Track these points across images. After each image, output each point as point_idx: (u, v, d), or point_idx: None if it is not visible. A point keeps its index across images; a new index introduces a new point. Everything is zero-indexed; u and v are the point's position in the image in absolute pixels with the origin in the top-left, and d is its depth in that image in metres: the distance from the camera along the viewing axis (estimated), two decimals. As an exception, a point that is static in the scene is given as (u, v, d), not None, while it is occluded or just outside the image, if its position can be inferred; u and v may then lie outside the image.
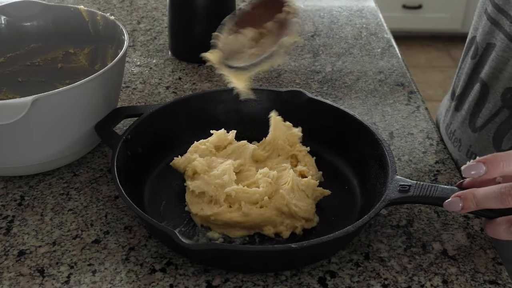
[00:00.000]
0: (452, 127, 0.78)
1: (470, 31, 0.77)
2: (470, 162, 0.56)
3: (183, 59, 0.98)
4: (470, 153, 0.74)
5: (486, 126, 0.71)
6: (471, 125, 0.74)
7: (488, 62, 0.71)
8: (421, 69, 2.74)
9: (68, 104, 0.67)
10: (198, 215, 0.64)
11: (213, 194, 0.64)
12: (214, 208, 0.63)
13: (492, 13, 0.70)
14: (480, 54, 0.73)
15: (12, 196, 0.69)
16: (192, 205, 0.65)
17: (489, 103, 0.70)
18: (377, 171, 0.66)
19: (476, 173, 0.55)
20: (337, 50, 1.02)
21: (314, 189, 0.66)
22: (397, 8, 2.85)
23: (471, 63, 0.75)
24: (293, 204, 0.63)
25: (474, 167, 0.55)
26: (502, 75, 0.68)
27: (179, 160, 0.69)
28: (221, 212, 0.63)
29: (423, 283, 0.58)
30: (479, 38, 0.73)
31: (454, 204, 0.56)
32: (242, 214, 0.62)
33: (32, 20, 0.84)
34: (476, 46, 0.74)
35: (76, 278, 0.59)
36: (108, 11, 1.14)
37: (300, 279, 0.59)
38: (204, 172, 0.66)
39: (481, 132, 0.72)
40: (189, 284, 0.58)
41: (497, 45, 0.69)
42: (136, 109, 0.74)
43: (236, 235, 0.63)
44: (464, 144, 0.75)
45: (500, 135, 0.70)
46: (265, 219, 0.62)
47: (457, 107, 0.77)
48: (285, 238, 0.63)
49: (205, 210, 0.63)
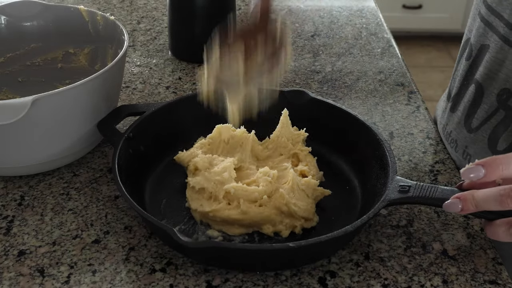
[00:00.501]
0: (448, 128, 0.78)
1: (465, 33, 0.77)
2: (469, 165, 0.56)
3: (183, 59, 0.98)
4: (466, 154, 0.74)
5: (482, 127, 0.71)
6: (466, 126, 0.74)
7: (482, 64, 0.71)
8: (421, 69, 2.74)
9: (68, 104, 0.67)
10: (197, 211, 0.64)
11: (212, 190, 0.64)
12: (213, 204, 0.63)
13: (486, 15, 0.70)
14: (474, 56, 0.73)
15: (12, 196, 0.69)
16: (192, 201, 0.65)
17: (485, 104, 0.70)
18: (377, 171, 0.66)
19: (475, 176, 0.55)
20: (337, 50, 1.02)
21: (314, 189, 0.66)
22: (397, 8, 2.85)
23: (466, 65, 0.75)
24: (293, 204, 0.63)
25: (473, 170, 0.55)
26: (497, 76, 0.68)
27: (183, 154, 0.69)
28: (219, 209, 0.63)
29: (423, 283, 0.58)
30: (473, 40, 0.73)
31: (454, 205, 0.56)
32: (240, 212, 0.62)
33: (32, 20, 0.83)
34: (470, 47, 0.74)
35: (76, 278, 0.59)
36: (108, 11, 1.14)
37: (300, 279, 0.59)
38: (205, 169, 0.67)
39: (476, 133, 0.72)
40: (189, 284, 0.58)
41: (491, 46, 0.69)
42: (139, 107, 0.74)
43: (235, 232, 0.63)
44: (460, 145, 0.75)
45: (495, 136, 0.70)
46: (264, 217, 0.62)
47: (452, 108, 0.78)
48: (284, 237, 0.63)
49: (204, 206, 0.64)
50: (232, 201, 0.63)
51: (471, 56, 0.73)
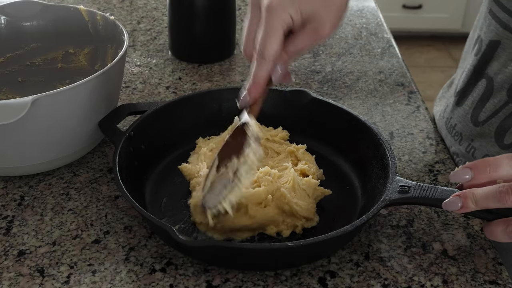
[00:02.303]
0: (453, 122, 0.78)
1: (473, 30, 0.78)
2: (458, 168, 0.57)
3: (183, 59, 0.98)
4: (471, 147, 0.74)
5: (489, 121, 0.72)
6: (473, 120, 0.74)
7: (493, 58, 0.71)
8: (421, 69, 2.74)
9: (68, 104, 0.67)
10: (203, 223, 0.63)
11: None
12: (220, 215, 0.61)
13: (497, 12, 0.71)
14: (485, 52, 0.73)
15: (12, 196, 0.69)
16: (197, 215, 0.63)
17: (494, 98, 0.71)
18: (378, 171, 0.66)
19: (462, 179, 0.56)
20: (337, 50, 1.02)
21: (315, 189, 0.66)
22: (397, 8, 2.86)
23: (475, 60, 0.75)
24: (294, 203, 0.63)
25: (461, 172, 0.56)
26: (508, 71, 0.69)
27: (187, 167, 0.69)
28: (227, 218, 0.61)
29: (423, 283, 0.58)
30: (484, 37, 0.74)
31: (453, 203, 0.56)
32: (248, 217, 0.62)
33: (32, 20, 0.83)
34: (480, 44, 0.75)
35: (76, 278, 0.59)
36: (108, 11, 1.14)
37: (300, 279, 0.59)
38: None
39: (483, 126, 0.72)
40: (189, 284, 0.58)
41: (502, 42, 0.70)
42: (140, 106, 0.74)
43: (242, 237, 0.63)
44: (465, 138, 0.75)
45: (503, 129, 0.70)
46: (269, 218, 0.62)
47: (458, 102, 0.78)
48: (285, 237, 0.63)
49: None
50: (239, 209, 0.62)
51: (481, 52, 0.74)
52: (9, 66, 0.84)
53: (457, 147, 0.76)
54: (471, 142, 0.74)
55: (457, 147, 0.76)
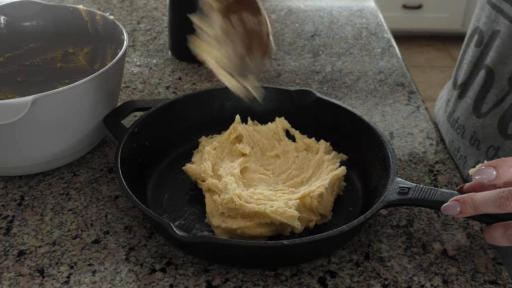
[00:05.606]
0: (455, 115, 0.78)
1: (472, 23, 0.78)
2: (479, 166, 0.56)
3: (183, 59, 0.98)
4: (474, 140, 0.74)
5: (492, 112, 0.71)
6: (475, 112, 0.74)
7: (493, 49, 0.72)
8: (421, 69, 2.74)
9: (68, 104, 0.67)
10: (220, 227, 0.61)
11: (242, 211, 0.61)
12: (241, 222, 0.61)
13: (496, 1, 0.71)
14: (485, 42, 0.73)
15: (12, 196, 0.69)
16: (213, 217, 0.62)
17: (495, 88, 0.71)
18: (379, 172, 0.66)
19: (486, 178, 0.55)
20: (337, 50, 1.02)
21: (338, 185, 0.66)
22: (397, 8, 2.85)
23: (476, 51, 0.75)
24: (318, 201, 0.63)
25: (484, 171, 0.55)
26: (508, 60, 0.70)
27: (191, 168, 0.68)
28: (249, 226, 0.60)
29: (423, 283, 0.58)
30: (483, 27, 0.74)
31: (452, 208, 0.56)
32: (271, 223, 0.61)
33: (31, 20, 0.84)
34: (480, 34, 0.75)
35: (76, 278, 0.59)
36: (108, 11, 1.14)
37: (300, 279, 0.59)
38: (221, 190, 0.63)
39: (486, 117, 0.72)
40: (189, 284, 0.58)
41: (501, 31, 0.70)
42: (145, 103, 0.74)
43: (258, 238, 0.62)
44: (468, 131, 0.75)
45: (505, 120, 0.70)
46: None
47: (460, 95, 0.78)
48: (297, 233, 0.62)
49: (229, 223, 0.61)
50: (267, 224, 0.61)
51: (482, 43, 0.74)
52: (8, 66, 0.84)
53: (461, 141, 0.76)
54: (473, 134, 0.74)
55: (461, 141, 0.76)
